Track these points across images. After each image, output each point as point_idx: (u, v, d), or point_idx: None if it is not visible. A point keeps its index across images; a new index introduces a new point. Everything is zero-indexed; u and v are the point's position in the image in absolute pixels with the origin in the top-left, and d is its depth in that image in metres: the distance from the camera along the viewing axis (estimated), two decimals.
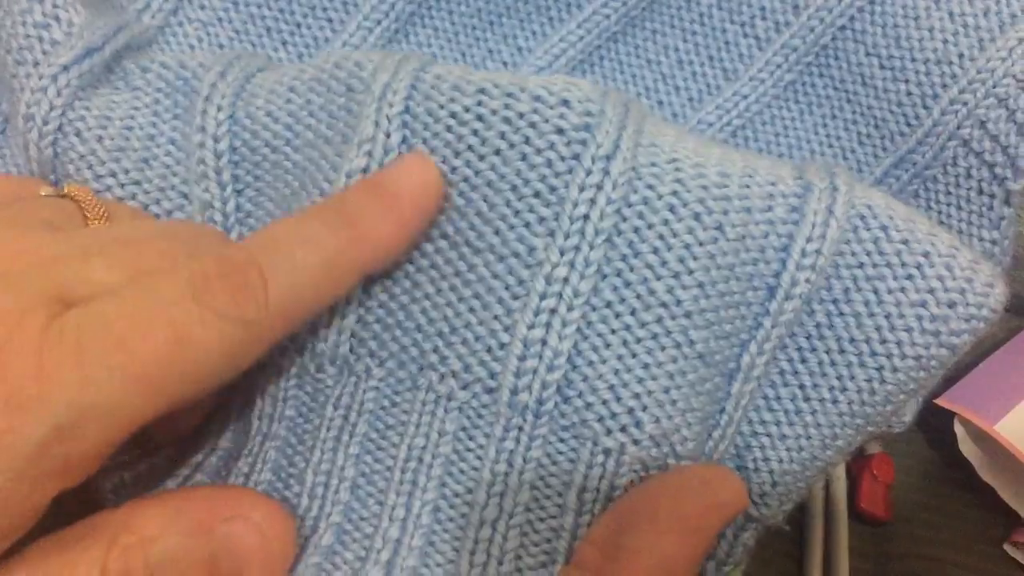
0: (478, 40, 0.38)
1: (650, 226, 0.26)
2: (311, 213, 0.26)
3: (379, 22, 0.36)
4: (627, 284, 0.27)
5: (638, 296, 0.27)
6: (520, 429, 0.27)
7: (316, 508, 0.28)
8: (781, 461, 0.28)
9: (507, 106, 0.26)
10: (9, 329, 0.21)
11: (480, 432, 0.27)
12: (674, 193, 0.26)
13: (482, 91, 0.27)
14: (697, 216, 0.26)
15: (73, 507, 0.24)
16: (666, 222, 0.26)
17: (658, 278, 0.26)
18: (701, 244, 0.26)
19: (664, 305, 0.27)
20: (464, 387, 0.27)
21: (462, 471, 0.27)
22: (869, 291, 0.27)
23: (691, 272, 0.26)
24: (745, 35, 0.37)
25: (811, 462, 0.28)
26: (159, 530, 0.24)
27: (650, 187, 0.26)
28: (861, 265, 0.27)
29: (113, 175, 0.29)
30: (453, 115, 0.27)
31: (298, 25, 0.36)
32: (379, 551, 0.27)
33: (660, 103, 0.38)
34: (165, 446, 0.30)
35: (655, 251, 0.26)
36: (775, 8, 0.37)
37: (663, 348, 0.27)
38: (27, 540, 0.22)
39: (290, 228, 0.26)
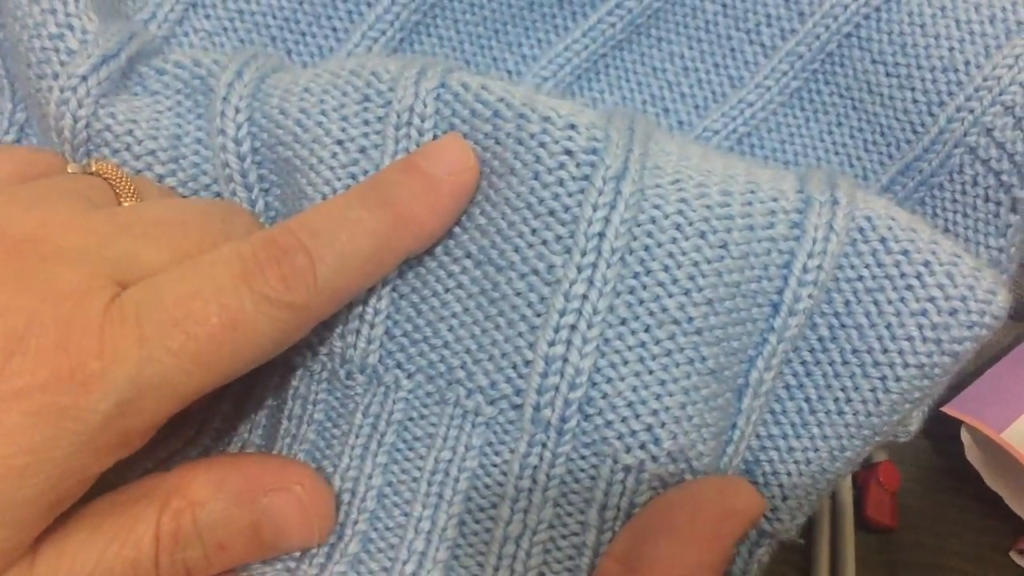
0: (483, 49, 0.38)
1: (659, 244, 0.26)
2: (352, 195, 0.27)
3: (384, 31, 0.36)
4: (640, 302, 0.27)
5: (651, 313, 0.27)
6: (543, 446, 0.27)
7: (342, 514, 0.28)
8: (790, 474, 0.28)
9: (519, 127, 0.27)
10: (74, 306, 0.22)
11: (506, 448, 0.27)
12: (679, 212, 0.26)
13: (496, 114, 0.27)
14: (703, 235, 0.27)
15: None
16: (674, 240, 0.26)
17: (670, 295, 0.27)
18: (708, 262, 0.27)
19: (676, 322, 0.27)
20: (491, 403, 0.27)
21: (487, 486, 0.27)
22: (870, 303, 0.27)
23: (700, 289, 0.27)
24: (751, 42, 0.37)
25: (820, 474, 0.28)
26: (207, 496, 0.25)
27: (656, 207, 0.27)
28: (861, 278, 0.27)
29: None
30: (476, 142, 0.27)
31: (303, 35, 0.36)
32: (404, 563, 0.27)
33: (666, 110, 0.38)
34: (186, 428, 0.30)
35: (665, 269, 0.27)
36: (781, 15, 0.37)
37: (677, 365, 0.27)
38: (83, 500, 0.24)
39: (333, 211, 0.26)
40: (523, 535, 0.27)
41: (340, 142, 0.28)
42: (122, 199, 0.27)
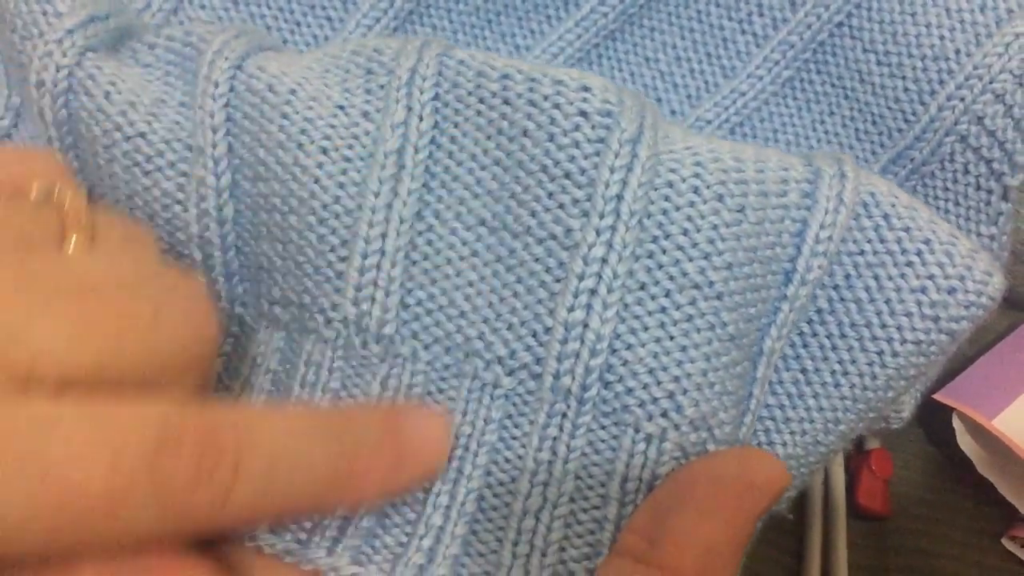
0: (476, 38, 0.38)
1: (677, 208, 0.26)
2: (313, 423, 0.24)
3: (378, 20, 0.36)
4: (660, 266, 0.26)
5: (671, 278, 0.26)
6: (564, 416, 0.27)
7: None
8: (785, 445, 0.28)
9: (531, 89, 0.27)
10: None
11: (525, 420, 0.27)
12: (696, 176, 0.26)
13: (505, 76, 0.27)
14: (720, 198, 0.26)
15: None
16: (692, 204, 0.26)
17: (689, 259, 0.26)
18: (727, 226, 0.27)
19: (696, 287, 0.26)
20: (510, 374, 0.27)
21: (507, 459, 0.27)
22: (870, 277, 0.27)
23: (720, 253, 0.26)
24: (743, 32, 0.37)
25: (814, 446, 0.28)
26: None
27: (672, 171, 0.26)
28: (862, 252, 0.27)
29: (119, 128, 0.28)
30: (481, 100, 0.27)
31: (297, 24, 0.36)
32: (421, 538, 0.27)
33: (659, 100, 0.38)
34: None
35: (684, 232, 0.26)
36: (772, 5, 0.37)
37: (698, 330, 0.27)
38: None
39: (283, 431, 0.23)
40: (543, 509, 0.26)
41: (341, 107, 0.28)
42: (68, 238, 0.24)
